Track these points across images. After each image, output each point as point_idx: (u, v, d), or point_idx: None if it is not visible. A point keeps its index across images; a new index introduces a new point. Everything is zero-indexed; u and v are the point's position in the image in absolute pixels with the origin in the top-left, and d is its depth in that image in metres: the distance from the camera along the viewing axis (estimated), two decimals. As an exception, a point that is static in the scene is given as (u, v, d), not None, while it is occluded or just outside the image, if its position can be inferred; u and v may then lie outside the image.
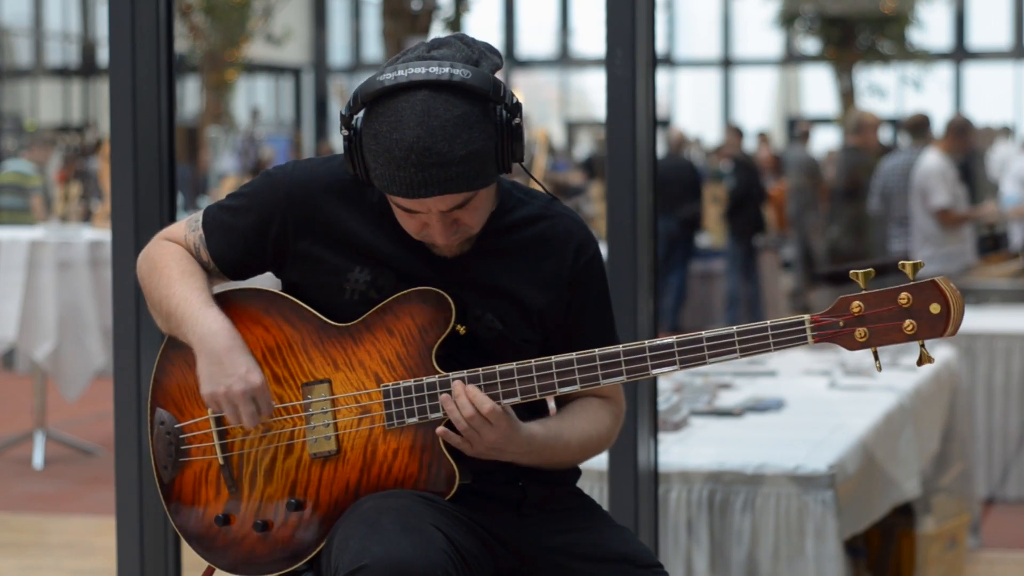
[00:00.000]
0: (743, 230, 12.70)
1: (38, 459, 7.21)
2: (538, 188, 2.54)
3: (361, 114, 2.30)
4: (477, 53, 2.34)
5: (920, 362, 2.20)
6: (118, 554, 3.28)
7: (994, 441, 6.46)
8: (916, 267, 2.18)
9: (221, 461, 2.46)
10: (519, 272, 2.44)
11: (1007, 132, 16.65)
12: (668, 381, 4.60)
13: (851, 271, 2.23)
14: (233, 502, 2.46)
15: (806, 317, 2.24)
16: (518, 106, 2.32)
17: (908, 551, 4.62)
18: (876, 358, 2.25)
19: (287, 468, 2.43)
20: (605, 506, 3.17)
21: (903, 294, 2.19)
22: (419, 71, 2.25)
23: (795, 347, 2.25)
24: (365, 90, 2.28)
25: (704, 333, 2.28)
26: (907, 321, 2.19)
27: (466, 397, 2.32)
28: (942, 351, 5.51)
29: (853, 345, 2.22)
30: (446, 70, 2.26)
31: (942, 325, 2.18)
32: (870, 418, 4.19)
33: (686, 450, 3.78)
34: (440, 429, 2.35)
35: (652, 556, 2.45)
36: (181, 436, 2.49)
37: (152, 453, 2.53)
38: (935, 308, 2.18)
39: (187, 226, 2.54)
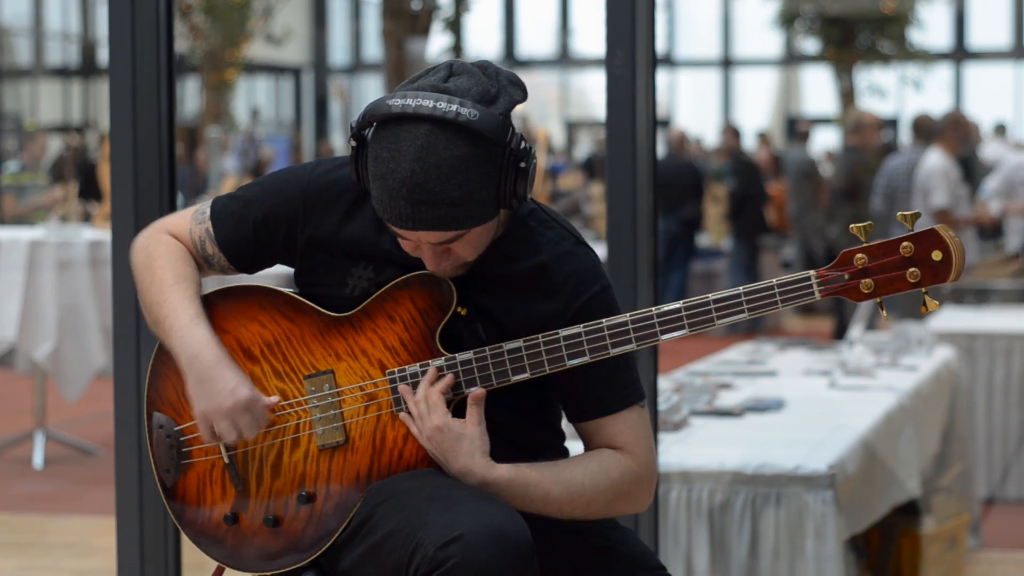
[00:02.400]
0: (746, 231, 12.71)
1: (38, 459, 7.21)
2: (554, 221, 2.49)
3: (370, 131, 2.28)
4: (497, 87, 2.28)
5: (925, 308, 2.23)
6: (118, 554, 3.28)
7: (994, 441, 6.46)
8: (915, 217, 2.21)
9: (226, 460, 2.45)
10: (514, 304, 2.40)
11: (1001, 130, 16.60)
12: (668, 381, 4.60)
13: (851, 225, 2.25)
14: (241, 500, 2.45)
15: (811, 273, 2.26)
16: (527, 150, 2.26)
17: (908, 551, 4.62)
18: (882, 308, 2.27)
19: (295, 462, 2.43)
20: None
21: (905, 243, 2.23)
22: (427, 104, 2.20)
23: (803, 303, 2.26)
24: (373, 111, 2.25)
25: (711, 295, 2.29)
26: (911, 269, 2.22)
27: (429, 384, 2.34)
28: (942, 351, 5.52)
29: (859, 297, 2.25)
30: (453, 108, 2.20)
31: (945, 271, 2.21)
32: (870, 418, 4.19)
33: (686, 450, 3.78)
34: (403, 415, 2.36)
35: (656, 559, 2.44)
36: (182, 439, 2.48)
37: (152, 458, 2.52)
38: (937, 255, 2.21)
39: (192, 219, 2.52)
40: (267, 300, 2.46)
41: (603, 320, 2.32)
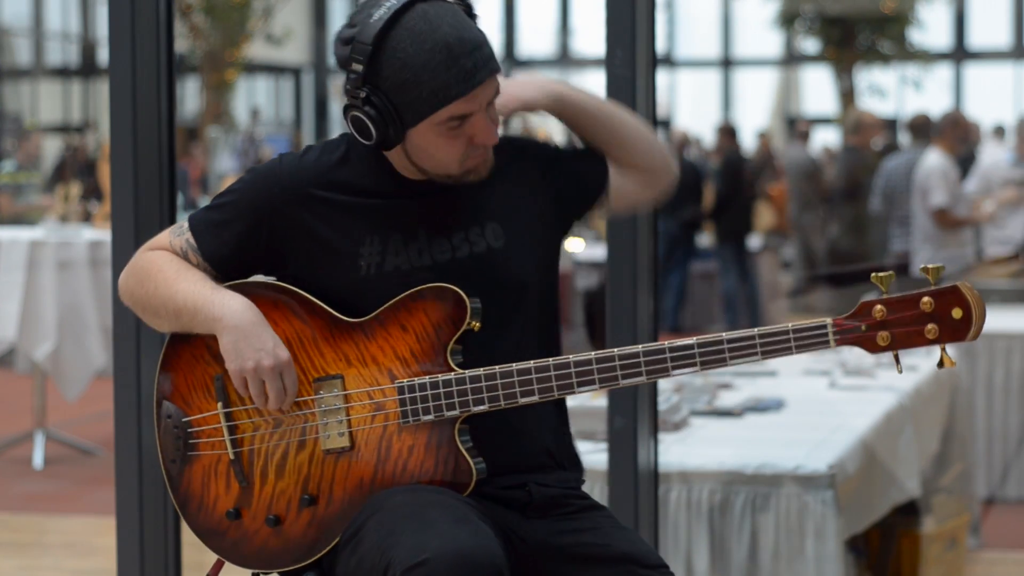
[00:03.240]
0: (730, 230, 12.67)
1: (38, 459, 7.21)
2: None
3: (367, 68, 2.32)
4: None
5: (941, 365, 2.22)
6: (118, 554, 3.28)
7: (994, 441, 6.46)
8: (938, 271, 2.20)
9: (231, 455, 2.45)
10: (499, 188, 2.47)
11: (1000, 132, 16.58)
12: (668, 381, 4.60)
13: (872, 274, 2.23)
14: (244, 496, 2.45)
15: (828, 321, 2.25)
16: (472, 5, 2.42)
17: (908, 551, 4.62)
18: (897, 361, 2.27)
19: (299, 463, 2.43)
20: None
21: (925, 298, 2.21)
22: None
23: (817, 350, 2.26)
24: (367, 34, 2.31)
25: (725, 335, 2.29)
26: (929, 325, 2.21)
27: None
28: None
29: (875, 348, 2.24)
30: None
31: (964, 329, 2.20)
32: (870, 418, 4.19)
33: (686, 450, 3.78)
34: None
35: (658, 557, 2.44)
36: (189, 430, 2.49)
37: (159, 447, 2.52)
38: (957, 313, 2.20)
39: (171, 234, 2.53)
40: (281, 299, 2.46)
41: (615, 350, 2.34)
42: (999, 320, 6.83)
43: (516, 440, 2.45)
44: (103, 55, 20.85)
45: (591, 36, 24.36)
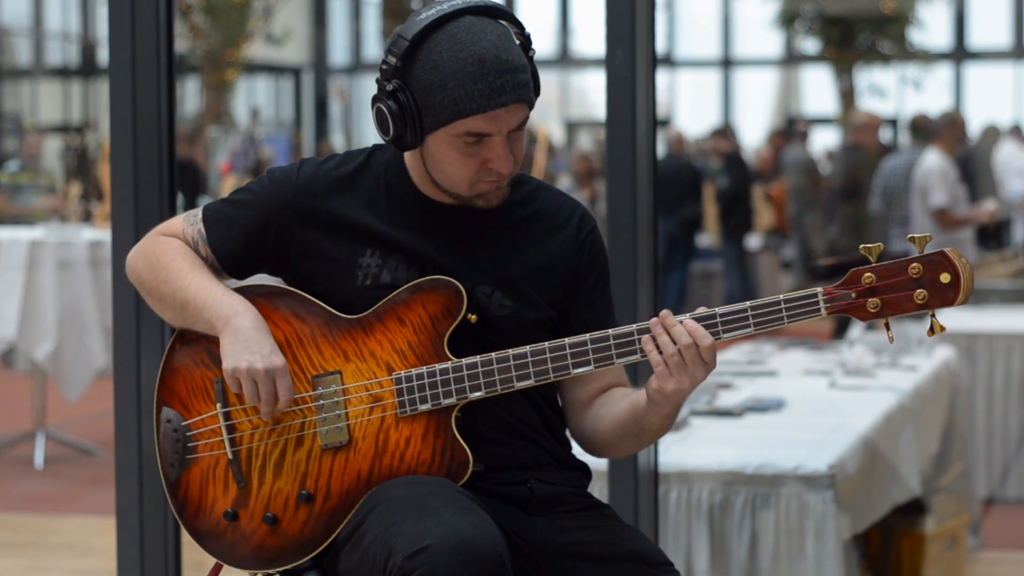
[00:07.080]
0: (735, 230, 12.71)
1: (38, 459, 7.21)
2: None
3: (401, 64, 2.34)
4: None
5: (931, 332, 2.25)
6: (118, 554, 3.28)
7: (994, 441, 6.46)
8: (924, 240, 2.23)
9: (230, 456, 2.46)
10: (525, 249, 2.47)
11: (1017, 131, 16.54)
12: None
13: (861, 246, 2.26)
14: (242, 497, 2.46)
15: (819, 290, 2.28)
16: (531, 38, 2.41)
17: (908, 551, 4.62)
18: (888, 328, 2.29)
19: (297, 460, 2.43)
20: (605, 506, 3.16)
21: (914, 265, 2.24)
22: (456, 1, 2.36)
23: (809, 319, 2.27)
24: (409, 31, 2.34)
25: (718, 309, 2.30)
26: (918, 291, 2.24)
27: (682, 328, 2.30)
28: (942, 351, 5.52)
29: (866, 316, 2.27)
30: None
31: (952, 294, 2.22)
32: (870, 418, 4.19)
33: (686, 450, 3.78)
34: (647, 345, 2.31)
35: (662, 554, 2.45)
36: (188, 433, 2.49)
37: (158, 452, 2.53)
38: (945, 277, 2.22)
39: (185, 220, 2.55)
40: (280, 300, 2.47)
41: (609, 330, 2.35)
42: (999, 320, 6.83)
43: (516, 440, 2.45)
44: (103, 55, 20.85)
45: (591, 36, 24.36)
